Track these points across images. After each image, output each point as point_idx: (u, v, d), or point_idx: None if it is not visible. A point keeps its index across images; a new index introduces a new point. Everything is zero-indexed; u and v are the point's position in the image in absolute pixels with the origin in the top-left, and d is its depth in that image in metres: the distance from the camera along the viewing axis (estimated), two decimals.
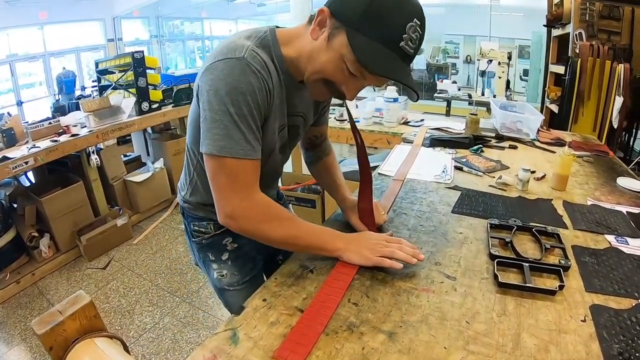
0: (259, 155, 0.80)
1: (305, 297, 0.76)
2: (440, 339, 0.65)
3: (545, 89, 3.72)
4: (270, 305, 0.74)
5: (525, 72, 6.47)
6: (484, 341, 0.65)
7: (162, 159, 3.49)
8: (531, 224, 1.02)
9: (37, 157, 2.41)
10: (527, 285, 0.77)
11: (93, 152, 2.79)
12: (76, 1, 7.40)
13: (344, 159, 2.94)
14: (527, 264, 0.83)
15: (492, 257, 0.87)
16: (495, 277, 0.79)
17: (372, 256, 0.83)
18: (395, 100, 2.41)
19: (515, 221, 1.02)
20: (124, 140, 3.98)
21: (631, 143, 2.88)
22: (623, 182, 1.36)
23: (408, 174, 1.39)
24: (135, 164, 3.48)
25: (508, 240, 0.93)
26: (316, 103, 1.02)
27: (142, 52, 3.05)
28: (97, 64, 3.41)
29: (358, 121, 2.62)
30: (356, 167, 1.02)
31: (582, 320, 0.70)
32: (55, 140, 2.58)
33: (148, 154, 3.72)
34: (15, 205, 2.69)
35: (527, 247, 0.94)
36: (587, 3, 2.93)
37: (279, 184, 1.29)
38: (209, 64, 0.76)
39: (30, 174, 3.05)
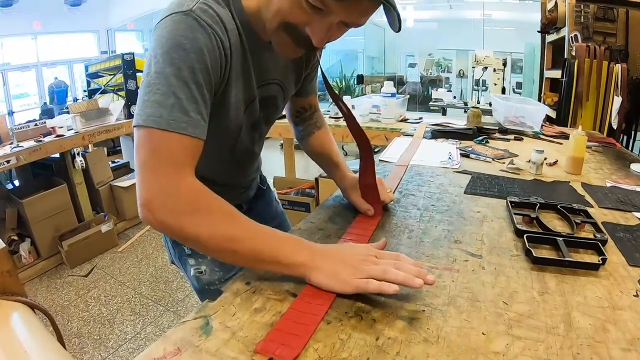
0: (199, 132, 0.61)
1: (300, 280, 0.62)
2: (475, 323, 0.53)
3: (542, 95, 3.69)
4: (255, 289, 0.60)
5: (519, 85, 6.51)
6: (529, 324, 0.53)
7: None
8: (554, 202, 0.91)
9: (20, 156, 2.29)
10: (567, 259, 0.66)
11: (78, 154, 2.67)
12: (70, 12, 7.36)
13: None
14: (560, 239, 0.72)
15: (520, 232, 0.76)
16: (528, 253, 0.68)
17: (351, 279, 0.57)
18: (393, 95, 2.33)
19: (537, 199, 0.92)
20: (114, 151, 3.90)
21: (630, 145, 2.83)
22: (637, 167, 1.28)
23: (411, 161, 1.29)
24: (123, 170, 3.35)
25: (534, 216, 0.82)
26: (297, 65, 0.85)
27: (133, 54, 2.98)
28: (87, 68, 3.34)
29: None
30: (352, 167, 0.90)
31: (634, 295, 0.59)
32: (40, 141, 2.47)
33: None
34: None
35: (554, 223, 0.83)
36: (582, 5, 2.93)
37: (261, 173, 1.12)
38: (156, 23, 0.63)
39: (15, 181, 2.94)
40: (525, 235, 0.73)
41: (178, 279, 2.50)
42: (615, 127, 2.47)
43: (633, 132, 2.58)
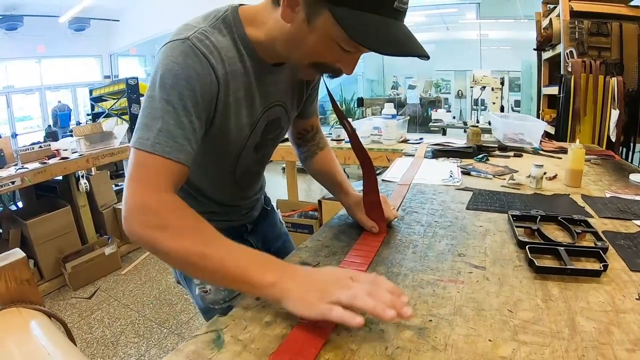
0: (183, 158, 0.63)
1: None
2: (481, 331, 0.54)
3: (540, 112, 3.74)
4: (265, 303, 0.61)
5: (517, 103, 6.58)
6: (534, 329, 0.54)
7: None
8: (554, 213, 0.94)
9: (25, 178, 2.35)
10: (568, 267, 0.68)
11: (82, 177, 2.72)
12: (74, 36, 7.58)
13: None
14: (562, 248, 0.74)
15: (522, 244, 0.78)
16: (531, 263, 0.70)
17: (317, 303, 0.52)
18: (394, 116, 2.38)
19: (537, 211, 0.94)
20: (117, 174, 3.96)
21: (630, 157, 2.85)
22: (637, 177, 1.30)
23: (414, 180, 1.32)
24: None
25: (535, 228, 0.85)
26: (299, 87, 0.88)
27: (137, 78, 3.07)
28: (91, 91, 3.42)
29: None
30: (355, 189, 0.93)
31: (637, 299, 0.61)
32: (45, 163, 2.53)
33: None
34: (0, 230, 2.61)
35: (555, 234, 0.85)
36: (576, 22, 3.00)
37: (265, 194, 1.14)
38: (158, 50, 0.67)
39: (19, 203, 2.99)
40: (527, 247, 0.75)
41: (182, 302, 2.50)
42: (613, 139, 2.50)
43: (632, 144, 2.60)
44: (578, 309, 0.59)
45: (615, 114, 2.53)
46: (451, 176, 1.33)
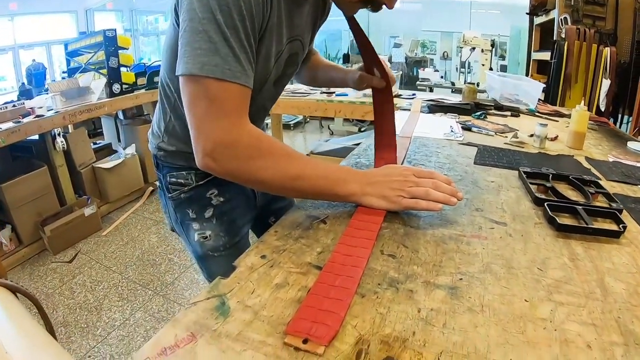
0: (250, 82, 0.62)
1: (321, 250, 0.58)
2: (515, 290, 0.50)
3: (529, 77, 3.71)
4: (273, 262, 0.55)
5: (503, 68, 6.53)
6: (568, 289, 0.51)
7: (134, 144, 3.22)
8: (565, 173, 0.90)
9: None
10: (590, 227, 0.65)
11: (59, 135, 2.52)
12: None
13: (329, 140, 2.80)
14: (580, 207, 0.71)
15: (539, 201, 0.74)
16: (552, 220, 0.66)
17: (400, 199, 0.65)
18: None
19: (548, 169, 0.90)
20: (95, 133, 3.73)
21: (618, 128, 2.89)
22: (634, 145, 1.29)
23: (414, 133, 1.26)
24: (106, 151, 3.20)
25: (549, 186, 0.81)
26: (313, 25, 0.84)
27: (114, 30, 2.81)
28: (66, 46, 3.15)
29: (347, 95, 2.48)
30: (341, 144, 0.89)
31: None
32: (18, 122, 2.31)
33: (119, 141, 3.44)
34: None
35: (568, 194, 0.82)
36: None
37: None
38: None
39: None
40: (546, 204, 0.71)
41: (166, 262, 2.42)
42: (603, 109, 2.50)
43: (620, 115, 2.62)
44: (605, 270, 0.56)
45: (606, 83, 2.52)
46: (452, 131, 1.28)
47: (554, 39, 3.07)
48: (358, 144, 1.22)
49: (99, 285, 2.21)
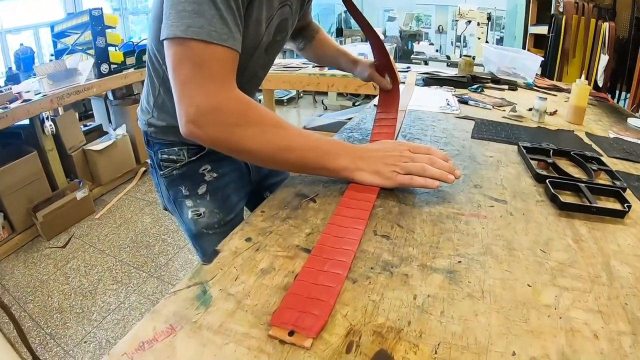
0: (238, 46, 0.58)
1: (310, 232, 0.54)
2: (518, 274, 0.46)
3: (526, 51, 3.63)
4: (259, 246, 0.51)
5: (499, 42, 6.41)
6: (572, 273, 0.47)
7: (124, 125, 3.12)
8: (566, 148, 0.86)
9: None
10: (594, 205, 0.61)
11: (47, 119, 2.43)
12: None
13: (322, 114, 2.73)
14: (583, 185, 0.67)
15: (540, 177, 0.70)
16: (554, 198, 0.62)
17: (394, 175, 0.61)
18: None
19: (548, 145, 0.86)
20: (86, 115, 3.62)
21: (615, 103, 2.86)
22: (635, 122, 1.25)
23: (409, 106, 1.20)
24: (96, 133, 3.10)
25: (550, 162, 0.77)
26: None
27: (101, 9, 2.68)
28: (52, 28, 3.00)
29: None
30: (335, 119, 0.84)
31: None
32: (6, 107, 2.20)
33: (110, 122, 3.33)
34: None
35: (570, 170, 0.78)
36: None
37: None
38: None
39: None
40: (547, 181, 0.67)
41: (159, 243, 2.38)
42: (601, 85, 2.46)
43: (618, 92, 2.58)
44: (610, 252, 0.52)
45: (604, 59, 2.47)
46: (448, 104, 1.23)
47: (552, 12, 2.99)
48: (351, 119, 1.17)
49: (93, 270, 2.17)
